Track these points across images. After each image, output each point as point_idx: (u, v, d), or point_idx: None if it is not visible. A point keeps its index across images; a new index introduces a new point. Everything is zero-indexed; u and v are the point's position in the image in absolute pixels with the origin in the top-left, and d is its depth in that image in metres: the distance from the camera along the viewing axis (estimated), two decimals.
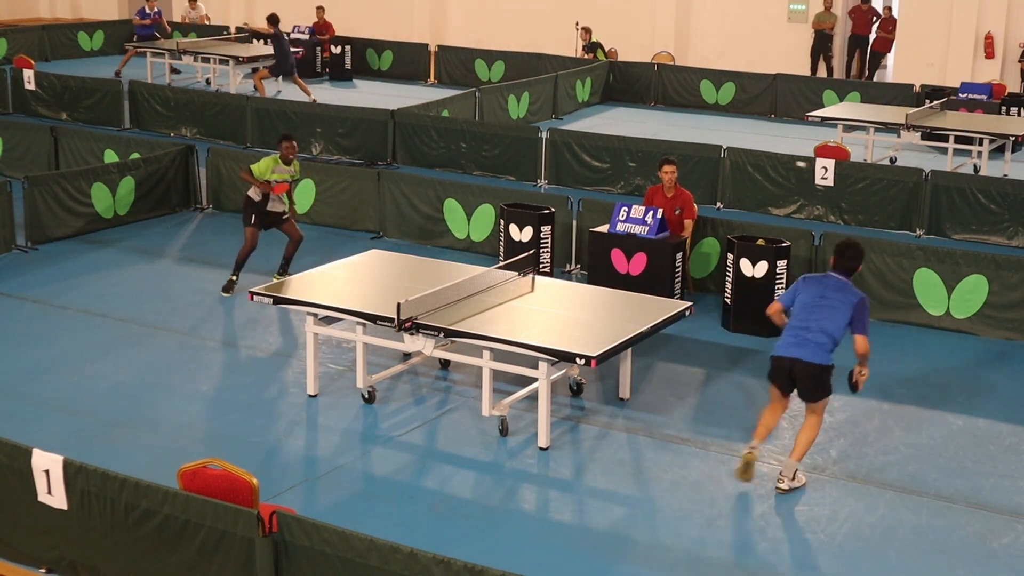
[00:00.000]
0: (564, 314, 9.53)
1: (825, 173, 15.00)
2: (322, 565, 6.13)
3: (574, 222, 13.05)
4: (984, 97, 20.13)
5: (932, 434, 9.32)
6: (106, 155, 15.73)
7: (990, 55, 24.38)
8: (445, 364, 10.31)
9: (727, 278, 11.47)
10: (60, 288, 12.22)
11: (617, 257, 11.72)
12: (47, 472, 6.76)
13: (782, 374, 8.26)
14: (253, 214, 12.05)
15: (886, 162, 17.63)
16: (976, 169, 17.41)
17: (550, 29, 27.82)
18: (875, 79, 25.68)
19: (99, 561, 6.85)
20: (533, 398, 9.13)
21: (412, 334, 9.04)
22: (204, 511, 6.36)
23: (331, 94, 23.44)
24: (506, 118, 20.32)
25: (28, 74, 20.58)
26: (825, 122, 18.48)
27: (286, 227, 12.25)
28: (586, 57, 25.14)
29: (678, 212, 11.90)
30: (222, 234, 14.26)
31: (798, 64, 25.64)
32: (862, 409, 9.72)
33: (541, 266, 12.06)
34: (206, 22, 28.67)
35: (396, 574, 5.88)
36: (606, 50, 25.53)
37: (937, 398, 10.01)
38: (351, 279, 10.17)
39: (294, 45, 25.41)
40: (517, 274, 10.02)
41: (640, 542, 7.65)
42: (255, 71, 24.09)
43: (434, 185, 14.06)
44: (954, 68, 24.35)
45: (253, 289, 9.74)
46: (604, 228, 11.98)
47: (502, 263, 10.58)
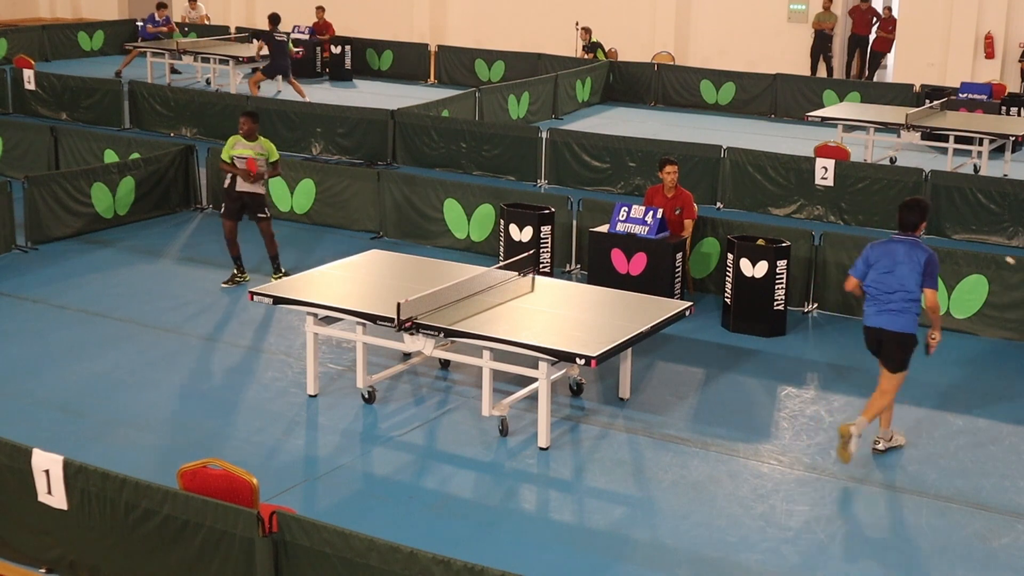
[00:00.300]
0: (564, 314, 9.53)
1: (825, 173, 15.01)
2: (322, 565, 6.13)
3: (574, 222, 13.05)
4: (984, 97, 20.13)
5: (932, 434, 9.32)
6: (106, 155, 15.73)
7: (990, 55, 24.38)
8: (445, 364, 10.31)
9: (727, 278, 11.47)
10: (60, 288, 12.22)
11: (617, 257, 11.72)
12: (47, 472, 6.76)
13: (873, 344, 8.80)
14: (224, 202, 12.22)
15: (886, 162, 17.62)
16: (976, 169, 17.41)
17: (550, 29, 27.82)
18: (875, 79, 25.68)
19: (99, 561, 6.85)
20: (533, 398, 9.13)
21: (412, 334, 9.05)
22: (204, 511, 6.36)
23: (331, 94, 23.44)
24: (506, 118, 20.32)
25: (28, 74, 20.58)
26: (825, 122, 18.49)
27: (261, 225, 12.16)
28: (586, 57, 25.14)
29: (678, 212, 11.90)
30: (222, 234, 14.23)
31: (798, 64, 25.64)
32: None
33: (541, 266, 12.07)
34: (206, 22, 28.68)
35: (396, 574, 5.88)
36: (606, 50, 25.54)
37: (937, 398, 10.01)
38: (351, 279, 10.17)
39: (294, 45, 25.45)
40: (517, 274, 10.02)
41: (640, 542, 7.65)
42: (255, 71, 24.11)
43: (434, 185, 14.06)
44: (954, 68, 24.35)
45: (253, 289, 9.74)
46: (604, 228, 11.98)
47: (502, 263, 10.58)
